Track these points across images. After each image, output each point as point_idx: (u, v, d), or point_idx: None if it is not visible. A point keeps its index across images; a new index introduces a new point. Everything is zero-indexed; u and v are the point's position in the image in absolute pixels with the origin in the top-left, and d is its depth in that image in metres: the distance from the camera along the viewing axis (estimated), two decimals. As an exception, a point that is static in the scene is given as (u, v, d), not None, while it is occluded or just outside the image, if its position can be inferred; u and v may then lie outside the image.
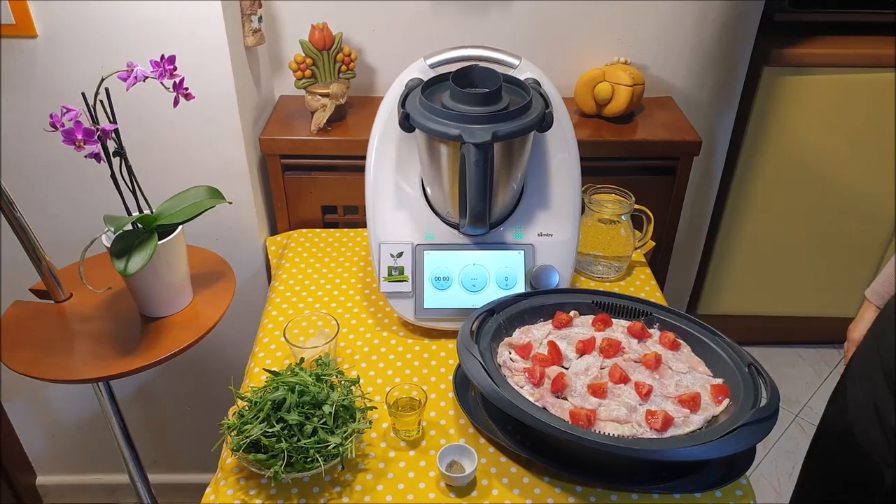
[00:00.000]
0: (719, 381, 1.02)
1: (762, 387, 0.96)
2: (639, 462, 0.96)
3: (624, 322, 1.13)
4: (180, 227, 1.13)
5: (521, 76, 1.18)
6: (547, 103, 1.12)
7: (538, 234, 1.21)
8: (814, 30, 1.81)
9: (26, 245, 1.12)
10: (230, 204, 1.18)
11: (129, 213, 1.12)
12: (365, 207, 1.22)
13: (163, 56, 1.01)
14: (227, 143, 1.38)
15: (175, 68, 1.03)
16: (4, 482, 1.78)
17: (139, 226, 1.09)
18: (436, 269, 1.19)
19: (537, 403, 0.96)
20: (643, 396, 0.98)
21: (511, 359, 1.05)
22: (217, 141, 1.37)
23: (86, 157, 1.00)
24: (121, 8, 1.22)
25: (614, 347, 1.05)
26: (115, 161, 1.05)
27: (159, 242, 1.06)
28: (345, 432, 0.95)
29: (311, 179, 1.50)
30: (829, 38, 1.80)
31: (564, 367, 1.04)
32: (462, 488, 0.96)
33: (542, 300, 1.15)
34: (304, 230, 1.51)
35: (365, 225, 1.24)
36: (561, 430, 0.88)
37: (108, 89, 1.01)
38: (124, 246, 1.04)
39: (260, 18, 1.39)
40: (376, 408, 1.04)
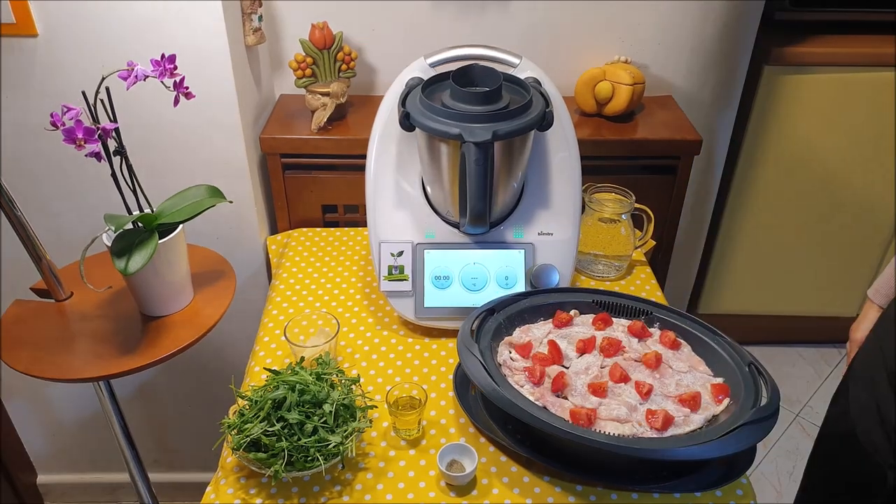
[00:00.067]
0: (720, 380, 1.02)
1: (763, 386, 0.96)
2: (639, 461, 0.96)
3: (624, 321, 1.13)
4: (181, 226, 1.13)
5: (522, 75, 1.18)
6: (547, 102, 1.12)
7: (538, 234, 1.21)
8: (814, 29, 1.81)
9: (27, 244, 1.12)
10: (231, 203, 1.18)
11: (129, 212, 1.12)
12: (365, 206, 1.22)
13: (163, 55, 1.01)
14: (227, 142, 1.38)
15: (175, 67, 1.03)
16: (5, 481, 1.78)
17: (140, 225, 1.10)
18: (436, 268, 1.19)
19: (537, 403, 0.96)
20: (643, 396, 0.98)
21: (511, 358, 1.05)
22: (217, 140, 1.37)
23: (86, 156, 1.00)
24: (121, 7, 1.22)
25: (615, 346, 1.05)
26: (116, 160, 1.05)
27: (160, 241, 1.06)
28: (345, 431, 0.95)
29: (311, 178, 1.50)
30: (829, 37, 1.80)
31: (565, 366, 1.04)
32: (462, 487, 0.96)
33: (543, 299, 1.15)
34: (305, 229, 1.51)
35: (365, 224, 1.24)
36: (561, 430, 0.88)
37: (108, 88, 1.01)
38: (125, 245, 1.04)
39: (260, 17, 1.39)
40: (377, 407, 1.04)
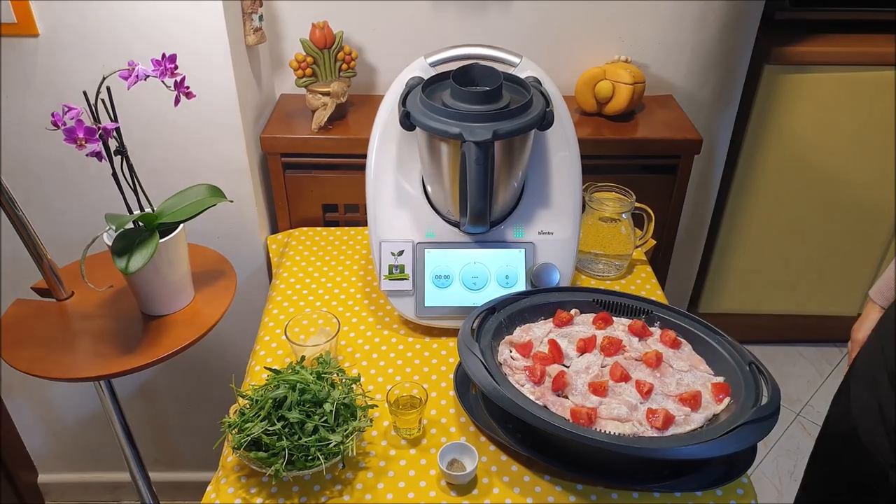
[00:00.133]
0: (720, 379, 1.02)
1: (763, 385, 0.96)
2: (640, 460, 0.96)
3: (625, 320, 1.13)
4: (181, 226, 1.13)
5: (522, 74, 1.18)
6: (547, 102, 1.12)
7: (539, 233, 1.21)
8: (814, 28, 1.81)
9: (28, 243, 1.12)
10: (231, 202, 1.18)
11: (130, 211, 1.12)
12: (366, 206, 1.22)
13: (164, 55, 1.02)
14: (228, 141, 1.38)
15: (176, 67, 1.03)
16: (6, 480, 1.78)
17: (140, 224, 1.10)
18: (436, 267, 1.19)
19: (538, 402, 0.96)
20: (644, 395, 0.98)
21: (512, 357, 1.05)
22: (218, 139, 1.37)
23: (87, 155, 1.00)
24: (122, 7, 1.22)
25: (615, 346, 1.06)
26: (117, 160, 1.05)
27: (160, 241, 1.06)
28: (346, 430, 0.95)
29: (311, 178, 1.50)
30: (829, 36, 1.80)
31: (565, 365, 1.04)
32: (463, 487, 0.96)
33: (543, 298, 1.15)
34: (305, 228, 1.51)
35: (366, 223, 1.24)
36: (562, 429, 0.88)
37: (109, 88, 1.01)
38: (125, 244, 1.04)
39: (261, 17, 1.39)
40: (377, 406, 1.04)
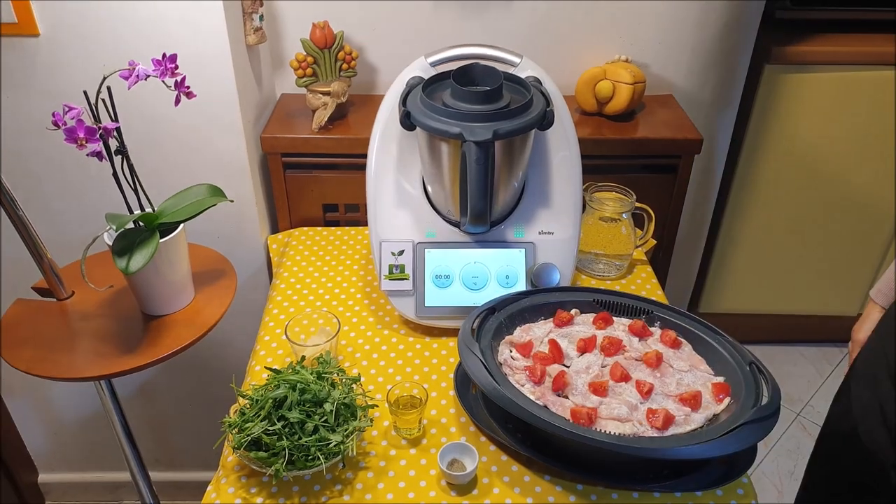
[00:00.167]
0: (720, 379, 1.02)
1: (763, 385, 0.96)
2: (640, 460, 0.96)
3: (625, 320, 1.13)
4: (182, 226, 1.13)
5: (522, 74, 1.18)
6: (548, 101, 1.12)
7: (539, 233, 1.21)
8: (815, 27, 1.81)
9: (28, 243, 1.12)
10: (231, 202, 1.18)
11: (130, 211, 1.12)
12: (366, 205, 1.22)
13: (164, 54, 1.02)
14: (228, 141, 1.38)
15: (176, 67, 1.03)
16: (6, 480, 1.78)
17: (141, 224, 1.10)
18: (437, 267, 1.19)
19: (538, 402, 0.96)
20: (644, 395, 0.98)
21: (512, 357, 1.05)
22: (218, 139, 1.37)
23: (88, 155, 1.00)
24: (122, 7, 1.22)
25: (615, 346, 1.05)
26: (117, 159, 1.05)
27: (161, 241, 1.06)
28: (346, 430, 0.95)
29: (312, 178, 1.50)
30: (830, 35, 1.80)
31: (565, 365, 1.04)
32: (463, 486, 0.96)
33: (543, 298, 1.15)
34: (306, 228, 1.51)
35: (366, 223, 1.24)
36: (562, 429, 0.88)
37: (109, 88, 1.01)
38: (126, 244, 1.04)
39: (261, 17, 1.39)
40: (377, 406, 1.04)
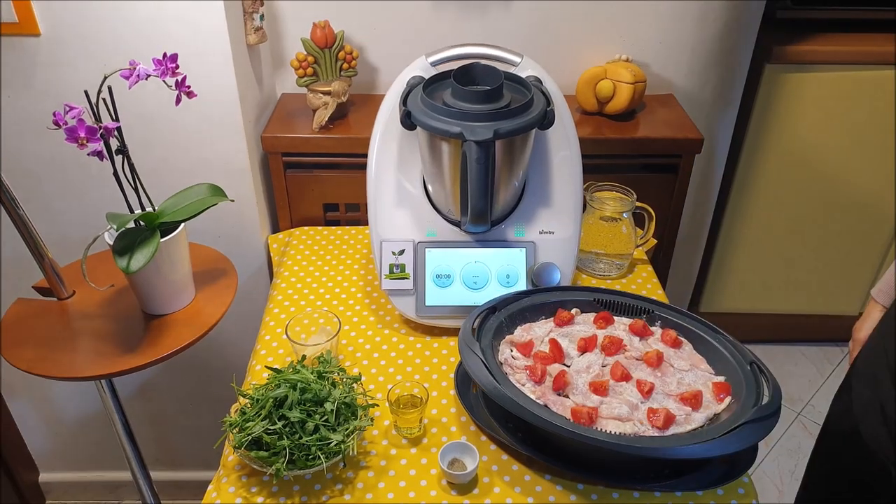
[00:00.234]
0: (721, 378, 1.02)
1: (764, 385, 0.96)
2: (640, 460, 0.96)
3: (626, 320, 1.13)
4: (182, 225, 1.13)
5: (523, 74, 1.18)
6: (548, 101, 1.12)
7: (540, 232, 1.21)
8: (815, 27, 1.81)
9: (29, 242, 1.12)
10: (232, 202, 1.19)
11: (131, 210, 1.12)
12: (367, 205, 1.22)
13: (165, 54, 1.02)
14: (228, 140, 1.38)
15: (177, 66, 1.03)
16: (7, 479, 1.78)
17: (141, 223, 1.10)
18: (437, 266, 1.19)
19: (539, 401, 0.96)
20: (645, 394, 0.98)
21: (512, 356, 1.05)
22: (219, 139, 1.37)
23: (88, 154, 1.00)
24: (123, 7, 1.22)
25: (616, 345, 1.05)
26: (118, 159, 1.05)
27: (161, 240, 1.06)
28: (346, 430, 0.95)
29: (312, 177, 1.50)
30: (830, 35, 1.80)
31: (566, 364, 1.04)
32: (463, 486, 0.96)
33: (544, 298, 1.15)
34: (306, 228, 1.51)
35: (366, 223, 1.24)
36: (562, 428, 0.88)
37: (110, 87, 1.01)
38: (127, 243, 1.05)
39: (262, 16, 1.39)
40: (378, 405, 1.04)
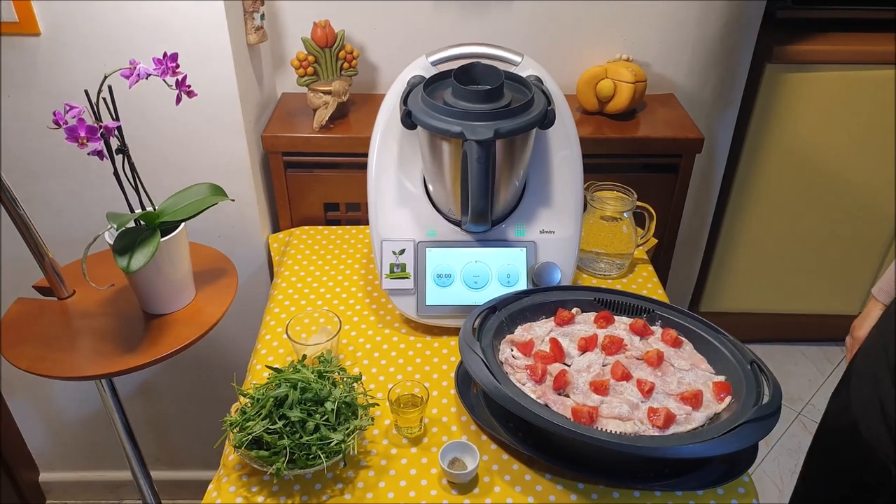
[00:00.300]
0: (721, 378, 1.02)
1: (764, 384, 0.96)
2: (641, 459, 0.96)
3: (626, 319, 1.13)
4: (183, 225, 1.13)
5: (523, 73, 1.18)
6: (549, 100, 1.12)
7: (540, 232, 1.21)
8: (816, 26, 1.81)
9: (29, 242, 1.12)
10: (233, 201, 1.19)
11: (131, 210, 1.12)
12: (367, 205, 1.22)
13: (165, 53, 1.02)
14: (229, 140, 1.38)
15: (177, 66, 1.03)
16: (7, 479, 1.78)
17: (142, 223, 1.10)
18: (438, 266, 1.19)
19: (539, 400, 0.96)
20: (645, 394, 0.98)
21: (513, 356, 1.05)
22: (219, 138, 1.37)
23: (89, 154, 1.00)
24: (123, 6, 1.22)
25: (616, 344, 1.06)
26: (118, 158, 1.05)
27: (162, 239, 1.06)
28: (347, 429, 0.95)
29: (313, 177, 1.50)
30: (831, 34, 1.80)
31: (566, 364, 1.04)
32: (464, 485, 0.96)
33: (544, 297, 1.15)
34: (307, 227, 1.51)
35: (367, 222, 1.24)
36: (563, 428, 0.88)
37: (110, 87, 1.01)
38: (127, 243, 1.05)
39: (262, 16, 1.39)
40: (378, 405, 1.04)
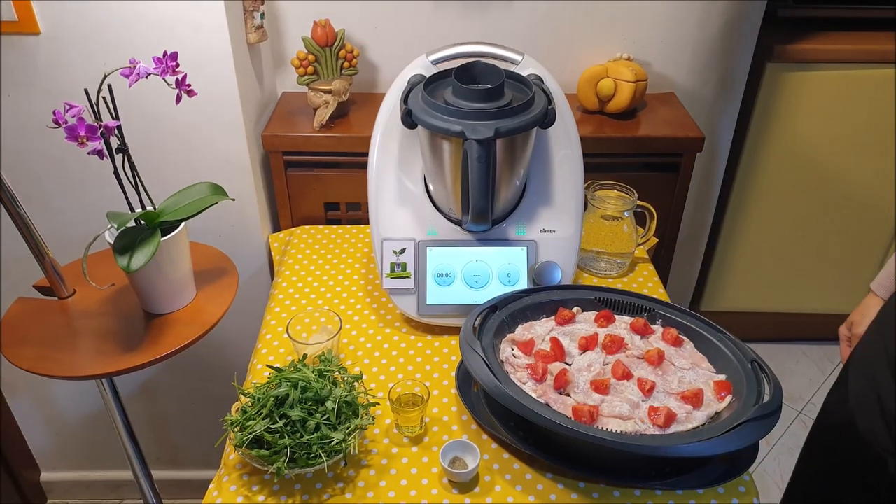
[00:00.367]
0: (722, 377, 1.02)
1: (765, 383, 0.96)
2: (641, 458, 0.96)
3: (627, 318, 1.13)
4: (183, 224, 1.13)
5: (524, 72, 1.17)
6: (549, 99, 1.12)
7: (541, 231, 1.21)
8: (817, 26, 1.81)
9: (30, 242, 1.12)
10: (233, 200, 1.19)
11: (131, 209, 1.12)
12: (367, 204, 1.22)
13: (165, 53, 1.01)
14: (229, 139, 1.38)
15: (177, 65, 1.03)
16: (8, 478, 1.78)
17: (142, 222, 1.10)
18: (438, 265, 1.19)
19: (540, 400, 0.96)
20: (646, 393, 0.98)
21: (514, 355, 1.05)
22: (220, 137, 1.37)
23: (89, 153, 1.00)
24: (123, 6, 1.22)
25: (617, 344, 1.05)
26: (118, 158, 1.05)
27: (162, 239, 1.06)
28: (347, 428, 0.95)
29: (313, 176, 1.50)
30: (832, 33, 1.80)
31: (567, 363, 1.04)
32: (465, 484, 0.96)
33: (545, 296, 1.15)
34: (307, 227, 1.51)
35: (367, 222, 1.24)
36: (564, 427, 0.88)
37: (110, 86, 1.01)
38: (127, 242, 1.05)
39: (262, 15, 1.39)
40: (379, 404, 1.04)
